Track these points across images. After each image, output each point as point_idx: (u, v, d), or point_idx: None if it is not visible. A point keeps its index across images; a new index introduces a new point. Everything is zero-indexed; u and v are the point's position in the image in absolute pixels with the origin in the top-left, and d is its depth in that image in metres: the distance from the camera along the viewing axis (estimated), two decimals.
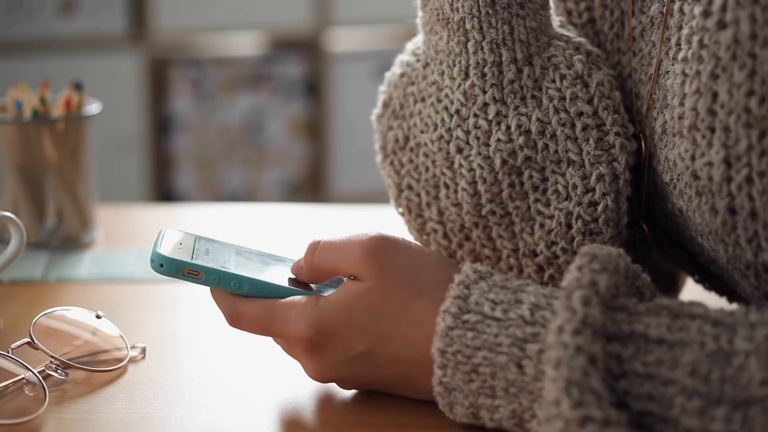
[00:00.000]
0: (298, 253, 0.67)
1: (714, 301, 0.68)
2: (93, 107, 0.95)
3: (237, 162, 2.58)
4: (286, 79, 2.57)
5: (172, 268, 0.62)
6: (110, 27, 2.48)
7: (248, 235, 1.02)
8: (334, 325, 0.60)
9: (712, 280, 0.71)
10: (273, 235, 1.02)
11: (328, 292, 0.62)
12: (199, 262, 0.63)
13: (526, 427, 0.56)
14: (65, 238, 0.95)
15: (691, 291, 0.75)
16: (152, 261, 0.62)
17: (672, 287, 0.76)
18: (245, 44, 2.58)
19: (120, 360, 0.68)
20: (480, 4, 0.64)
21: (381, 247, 0.60)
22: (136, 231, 1.04)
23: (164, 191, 2.58)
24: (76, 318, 0.70)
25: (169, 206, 1.78)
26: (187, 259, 0.62)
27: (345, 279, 0.63)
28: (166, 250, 0.63)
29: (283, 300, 0.62)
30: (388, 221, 1.07)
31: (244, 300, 0.62)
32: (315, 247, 0.63)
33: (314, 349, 0.60)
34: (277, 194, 2.59)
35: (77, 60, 2.42)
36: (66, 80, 0.97)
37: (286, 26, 2.54)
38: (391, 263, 0.60)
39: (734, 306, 0.64)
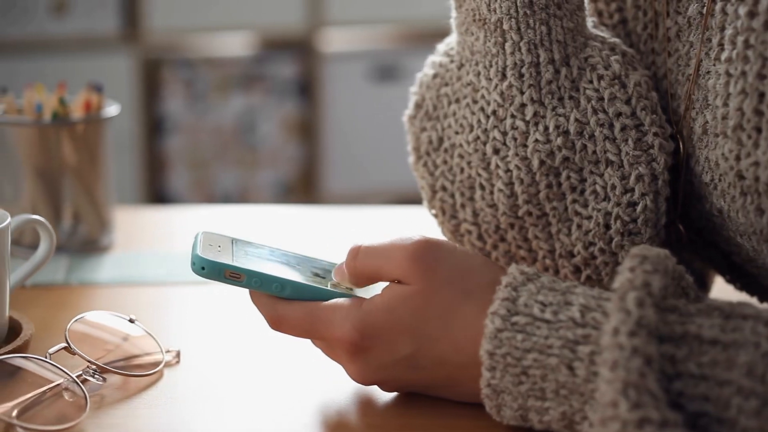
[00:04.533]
0: (335, 255, 0.67)
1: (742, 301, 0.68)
2: (112, 109, 0.94)
3: (230, 163, 2.57)
4: (278, 80, 2.56)
5: (213, 271, 0.61)
6: (103, 27, 2.46)
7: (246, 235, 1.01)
8: (378, 327, 0.60)
9: (744, 280, 0.71)
10: (266, 237, 1.00)
11: (371, 295, 0.61)
12: (240, 264, 0.62)
13: (576, 429, 0.56)
14: (83, 241, 0.94)
15: (720, 290, 0.75)
16: (193, 264, 0.62)
17: (702, 286, 0.76)
18: (238, 45, 2.57)
19: (156, 364, 0.67)
20: (518, 4, 0.64)
21: (427, 250, 0.60)
22: (135, 231, 1.03)
23: (157, 192, 2.57)
24: (108, 322, 0.69)
25: (164, 208, 1.77)
26: (229, 262, 0.62)
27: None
28: (207, 252, 0.62)
29: (326, 302, 0.61)
30: (383, 222, 1.07)
31: (285, 303, 0.62)
32: (356, 252, 0.62)
33: (358, 352, 0.60)
34: (270, 195, 2.58)
35: (70, 60, 2.40)
36: (59, 81, 0.95)
37: (279, 26, 2.53)
38: (437, 267, 0.60)
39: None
